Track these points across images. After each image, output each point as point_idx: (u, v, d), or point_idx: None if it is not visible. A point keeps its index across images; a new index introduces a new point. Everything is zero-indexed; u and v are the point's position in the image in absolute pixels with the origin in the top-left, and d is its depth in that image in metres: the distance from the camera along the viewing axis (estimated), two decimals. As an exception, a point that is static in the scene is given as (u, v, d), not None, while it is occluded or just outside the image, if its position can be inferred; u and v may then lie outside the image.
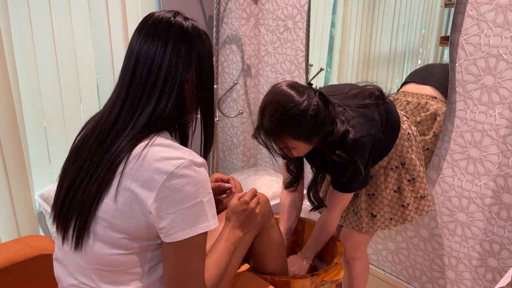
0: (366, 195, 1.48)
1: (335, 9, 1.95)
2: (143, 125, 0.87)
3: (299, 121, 1.17)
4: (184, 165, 0.83)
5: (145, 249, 0.89)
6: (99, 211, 0.86)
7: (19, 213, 1.78)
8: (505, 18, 1.35)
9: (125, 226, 0.85)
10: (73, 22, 1.80)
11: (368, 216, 1.48)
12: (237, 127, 2.38)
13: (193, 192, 0.84)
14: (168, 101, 0.88)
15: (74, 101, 1.88)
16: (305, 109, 1.17)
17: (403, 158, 1.42)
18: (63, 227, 0.91)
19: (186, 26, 0.90)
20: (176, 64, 0.88)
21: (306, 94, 1.19)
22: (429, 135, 1.58)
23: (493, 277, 1.59)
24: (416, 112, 1.59)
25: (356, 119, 1.26)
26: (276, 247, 1.30)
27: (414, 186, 1.46)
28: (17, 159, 1.71)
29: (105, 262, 0.88)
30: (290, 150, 1.25)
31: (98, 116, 0.95)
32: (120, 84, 0.91)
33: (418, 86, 1.62)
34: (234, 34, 2.22)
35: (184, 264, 0.87)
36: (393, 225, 1.48)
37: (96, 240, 0.87)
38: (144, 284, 0.91)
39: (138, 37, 0.90)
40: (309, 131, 1.20)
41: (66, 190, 0.91)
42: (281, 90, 1.21)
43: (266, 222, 1.24)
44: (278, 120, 1.18)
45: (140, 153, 0.84)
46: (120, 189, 0.84)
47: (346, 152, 1.24)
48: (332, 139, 1.22)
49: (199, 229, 0.85)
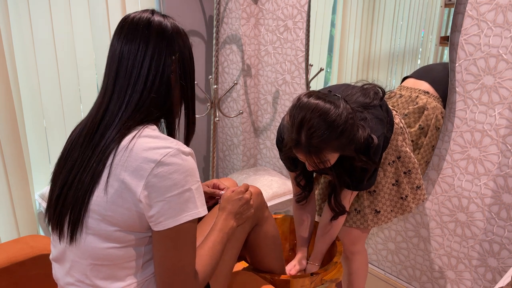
0: (367, 193, 1.48)
1: (335, 9, 1.95)
2: (130, 113, 0.89)
3: (342, 133, 1.14)
4: (172, 154, 0.84)
5: (139, 242, 0.90)
6: (91, 204, 0.87)
7: (19, 213, 1.78)
8: (505, 18, 1.35)
9: (117, 218, 0.86)
10: (73, 22, 1.80)
11: (372, 213, 1.48)
12: (237, 127, 2.38)
13: (181, 179, 0.84)
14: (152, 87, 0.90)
15: (74, 101, 1.88)
16: (345, 121, 1.14)
17: (399, 152, 1.44)
18: (58, 224, 0.92)
19: (165, 23, 0.92)
20: (159, 58, 0.90)
21: (341, 104, 1.15)
22: (415, 128, 1.59)
23: (493, 277, 1.59)
24: (405, 105, 1.60)
25: (370, 121, 1.25)
26: (272, 240, 1.30)
27: (410, 178, 1.48)
28: (17, 159, 1.71)
29: (99, 256, 0.89)
30: (328, 162, 1.21)
31: (85, 118, 0.96)
32: (105, 82, 0.93)
33: (415, 81, 1.63)
34: (234, 34, 2.22)
35: (174, 252, 0.87)
36: (394, 217, 1.52)
37: (90, 234, 0.88)
38: (139, 279, 0.92)
39: (118, 39, 0.92)
40: (348, 141, 1.17)
41: (59, 190, 0.92)
42: (316, 104, 1.14)
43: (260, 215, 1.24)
44: (321, 136, 1.13)
45: (128, 144, 0.85)
46: (110, 180, 0.85)
47: (369, 156, 1.24)
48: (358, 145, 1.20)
49: (188, 216, 0.86)
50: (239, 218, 1.12)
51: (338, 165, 1.29)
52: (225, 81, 2.38)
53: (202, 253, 0.97)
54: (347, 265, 1.61)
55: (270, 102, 2.27)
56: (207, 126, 2.50)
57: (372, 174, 1.34)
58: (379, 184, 1.46)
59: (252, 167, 2.42)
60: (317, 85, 2.02)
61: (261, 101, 2.32)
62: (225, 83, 2.38)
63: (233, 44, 2.25)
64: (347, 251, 1.57)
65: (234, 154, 2.48)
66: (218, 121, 2.17)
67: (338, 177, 1.34)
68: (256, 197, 1.21)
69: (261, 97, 2.32)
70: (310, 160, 1.20)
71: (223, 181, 1.33)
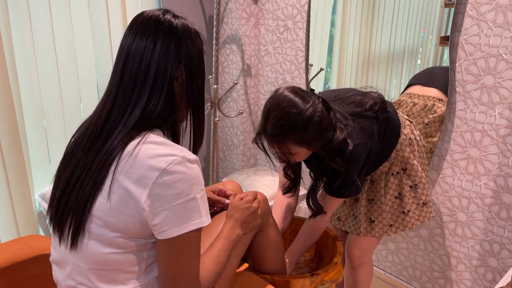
0: (366, 200, 1.48)
1: (335, 9, 1.95)
2: (134, 122, 0.87)
3: (304, 128, 1.17)
4: (177, 162, 0.83)
5: (141, 247, 0.89)
6: (93, 209, 0.86)
7: (19, 213, 1.77)
8: (505, 18, 1.35)
9: (120, 224, 0.85)
10: (73, 22, 1.80)
11: (367, 221, 1.48)
12: (237, 127, 2.38)
13: (186, 188, 0.83)
14: (159, 98, 0.88)
15: (74, 101, 1.88)
16: (311, 116, 1.16)
17: (405, 164, 1.42)
18: (59, 227, 0.91)
19: (176, 23, 0.91)
20: (166, 61, 0.88)
21: (311, 100, 1.18)
22: (437, 137, 1.58)
23: (493, 277, 1.59)
24: (423, 114, 1.58)
25: (353, 128, 1.25)
26: (275, 246, 1.29)
27: (416, 193, 1.45)
28: (17, 159, 1.71)
29: (101, 261, 0.88)
30: (292, 155, 1.24)
31: (91, 116, 0.95)
32: (111, 82, 0.92)
33: (423, 88, 1.61)
34: (234, 34, 2.22)
35: (178, 260, 0.87)
36: (393, 232, 1.48)
37: (91, 239, 0.87)
38: (142, 283, 0.91)
39: (128, 35, 0.91)
40: (312, 137, 1.19)
41: (61, 191, 0.91)
42: (285, 96, 1.19)
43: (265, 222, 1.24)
44: (283, 126, 1.17)
45: (132, 150, 0.84)
46: (114, 187, 0.84)
47: (343, 160, 1.25)
48: (331, 146, 1.22)
49: (192, 225, 0.85)
50: (246, 227, 1.11)
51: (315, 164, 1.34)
52: (225, 81, 2.38)
53: (207, 260, 0.96)
54: (352, 275, 1.60)
55: (270, 102, 2.27)
56: (207, 126, 2.50)
57: (350, 184, 1.30)
58: (378, 194, 1.45)
59: (252, 167, 2.42)
60: (317, 85, 2.02)
61: (261, 101, 2.32)
62: (225, 83, 2.38)
63: (233, 44, 2.25)
64: (355, 262, 1.56)
65: (234, 154, 2.48)
66: (218, 121, 2.17)
67: (315, 175, 1.39)
68: (262, 203, 1.20)
69: (261, 97, 2.32)
70: (274, 149, 1.26)
71: (227, 185, 1.32)
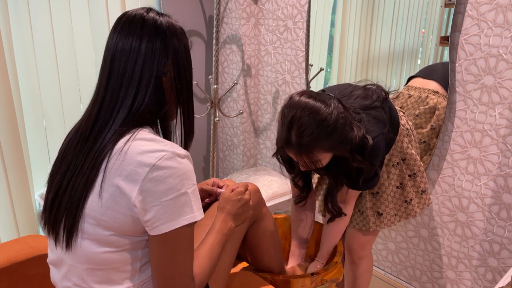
0: (370, 194, 1.47)
1: (335, 9, 1.95)
2: (123, 118, 0.87)
3: (331, 132, 1.14)
4: (167, 157, 0.83)
5: (135, 246, 0.89)
6: (86, 209, 0.86)
7: (19, 213, 1.78)
8: (505, 18, 1.35)
9: (112, 222, 0.85)
10: (73, 22, 1.80)
11: (374, 215, 1.47)
12: (237, 127, 2.38)
13: (177, 183, 0.83)
14: (146, 94, 0.88)
15: (74, 101, 1.88)
16: (336, 119, 1.13)
17: (404, 154, 1.42)
18: (54, 229, 0.91)
19: (160, 21, 0.90)
20: (152, 57, 0.88)
21: (332, 103, 1.14)
22: (427, 128, 1.58)
23: (493, 277, 1.59)
24: (416, 105, 1.59)
25: (368, 121, 1.24)
26: (270, 236, 1.29)
27: (415, 181, 1.46)
28: (17, 159, 1.71)
29: (96, 260, 0.88)
30: (320, 162, 1.20)
31: (81, 118, 0.95)
32: (99, 83, 0.92)
33: (423, 81, 1.61)
34: (234, 34, 2.22)
35: (171, 256, 0.86)
36: (398, 221, 1.49)
37: (85, 239, 0.87)
38: (136, 282, 0.91)
39: (113, 35, 0.91)
40: (339, 141, 1.16)
41: (54, 193, 0.91)
42: (306, 103, 1.13)
43: (258, 212, 1.24)
44: (311, 135, 1.12)
45: (122, 148, 0.84)
46: (105, 185, 0.84)
47: (364, 156, 1.23)
48: (352, 146, 1.19)
49: (184, 220, 0.85)
50: (238, 219, 1.11)
51: (334, 166, 1.29)
52: (225, 81, 2.38)
53: (200, 255, 0.96)
54: (352, 269, 1.60)
55: (270, 102, 2.27)
56: (207, 126, 2.50)
57: (374, 176, 1.32)
58: (382, 186, 1.45)
59: (252, 167, 2.42)
60: (317, 85, 2.02)
61: (261, 101, 2.32)
62: (225, 83, 2.38)
63: (233, 44, 2.25)
64: (355, 256, 1.56)
65: (234, 154, 2.48)
66: (218, 121, 2.17)
67: (334, 178, 1.34)
68: (253, 194, 1.20)
69: (261, 97, 2.32)
70: (301, 160, 1.19)
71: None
